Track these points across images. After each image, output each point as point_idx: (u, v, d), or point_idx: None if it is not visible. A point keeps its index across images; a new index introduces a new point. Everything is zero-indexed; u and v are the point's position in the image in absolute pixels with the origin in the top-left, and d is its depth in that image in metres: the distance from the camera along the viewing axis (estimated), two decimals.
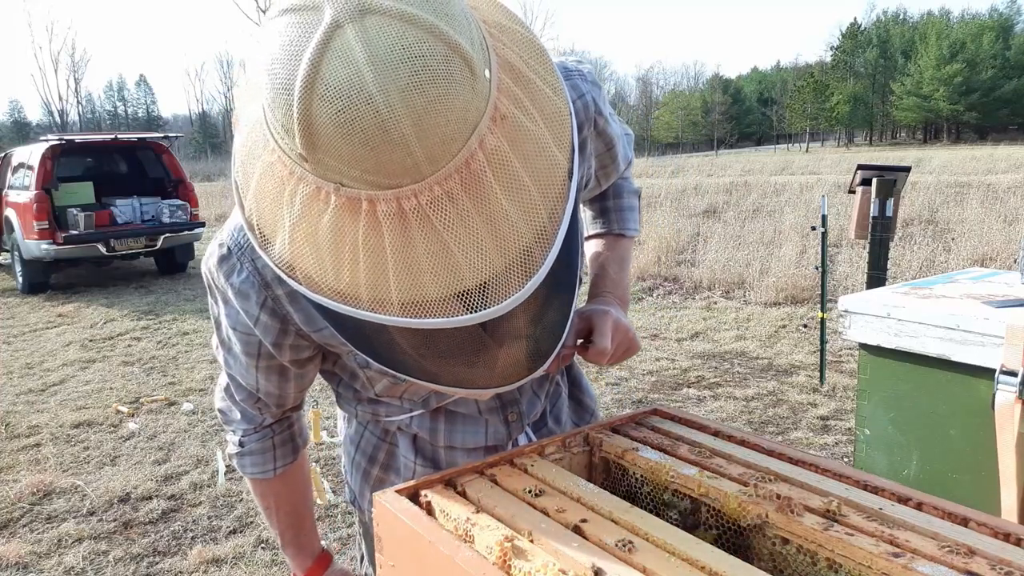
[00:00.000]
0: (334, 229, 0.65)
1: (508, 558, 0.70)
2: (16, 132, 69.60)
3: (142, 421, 4.52)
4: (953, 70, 61.41)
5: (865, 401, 1.91)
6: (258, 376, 1.01)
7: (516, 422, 1.10)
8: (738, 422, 4.14)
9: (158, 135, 10.83)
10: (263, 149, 0.68)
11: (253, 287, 0.90)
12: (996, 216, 9.84)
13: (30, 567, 2.98)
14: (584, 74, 1.01)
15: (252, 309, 0.91)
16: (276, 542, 1.17)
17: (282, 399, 1.06)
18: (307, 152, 0.62)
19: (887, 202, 4.10)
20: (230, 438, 1.12)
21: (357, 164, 0.61)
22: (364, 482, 1.15)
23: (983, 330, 1.57)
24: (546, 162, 0.68)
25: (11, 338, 6.80)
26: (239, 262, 0.90)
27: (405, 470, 1.11)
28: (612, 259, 1.21)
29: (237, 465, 1.13)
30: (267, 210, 0.69)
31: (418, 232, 0.64)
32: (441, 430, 1.07)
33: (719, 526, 0.82)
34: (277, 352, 0.96)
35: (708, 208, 13.29)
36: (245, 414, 1.08)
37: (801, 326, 5.98)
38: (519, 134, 0.66)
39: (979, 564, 0.66)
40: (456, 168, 0.62)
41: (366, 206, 0.63)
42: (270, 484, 1.13)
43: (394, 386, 1.02)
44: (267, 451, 1.10)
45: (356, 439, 1.16)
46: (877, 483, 0.82)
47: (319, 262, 0.67)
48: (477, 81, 0.62)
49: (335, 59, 0.58)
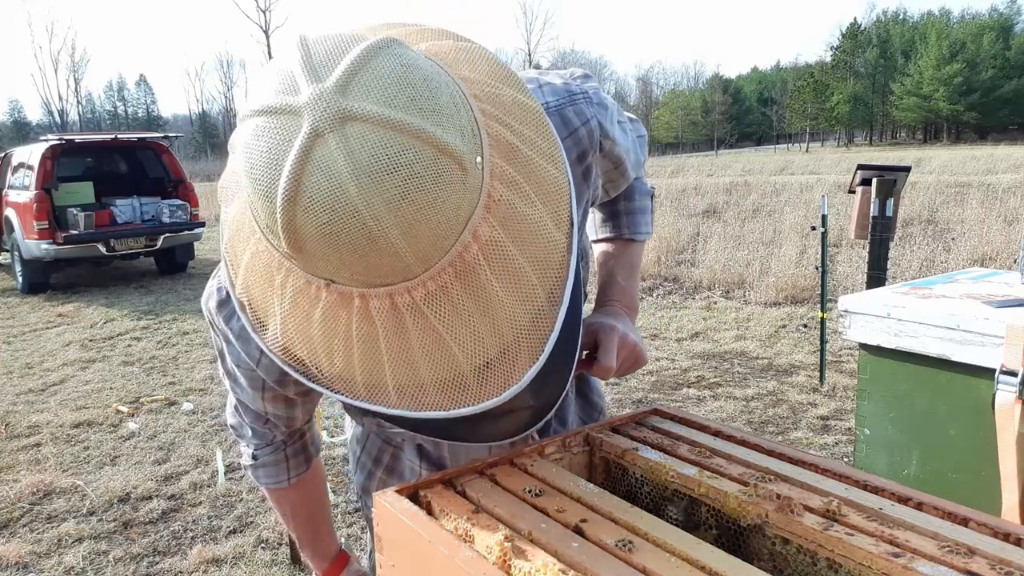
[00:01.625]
0: (326, 320, 0.64)
1: (508, 558, 0.70)
2: (16, 132, 69.62)
3: (142, 421, 4.52)
4: (953, 70, 61.40)
5: (865, 401, 1.91)
6: (265, 405, 1.01)
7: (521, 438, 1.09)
8: (738, 422, 4.14)
9: (158, 135, 10.83)
10: (251, 234, 0.66)
11: None
12: (996, 216, 9.84)
13: (30, 567, 2.98)
14: (590, 96, 0.97)
15: (253, 352, 0.91)
16: (295, 543, 1.21)
17: (291, 421, 1.06)
18: (294, 252, 0.61)
19: (887, 202, 4.10)
20: (244, 450, 1.12)
21: (346, 268, 0.60)
22: (368, 481, 1.16)
23: (983, 330, 1.57)
24: (543, 243, 0.66)
25: (11, 338, 6.80)
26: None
27: (411, 474, 1.12)
28: (621, 265, 1.18)
29: (252, 476, 1.14)
30: (258, 294, 0.69)
31: (412, 325, 0.63)
32: (446, 444, 1.07)
33: (719, 526, 0.82)
34: (281, 388, 0.96)
35: (708, 208, 13.29)
36: (256, 432, 1.08)
37: (801, 326, 5.98)
38: (514, 218, 0.64)
39: (979, 564, 0.66)
40: (450, 262, 0.62)
41: (358, 302, 0.63)
42: (285, 493, 1.14)
43: None
44: (280, 463, 1.11)
45: (363, 440, 1.16)
46: (877, 483, 0.82)
47: (311, 350, 0.67)
48: (468, 176, 0.60)
49: (317, 171, 0.56)
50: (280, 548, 3.05)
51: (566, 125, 0.92)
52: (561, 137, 0.91)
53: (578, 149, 0.94)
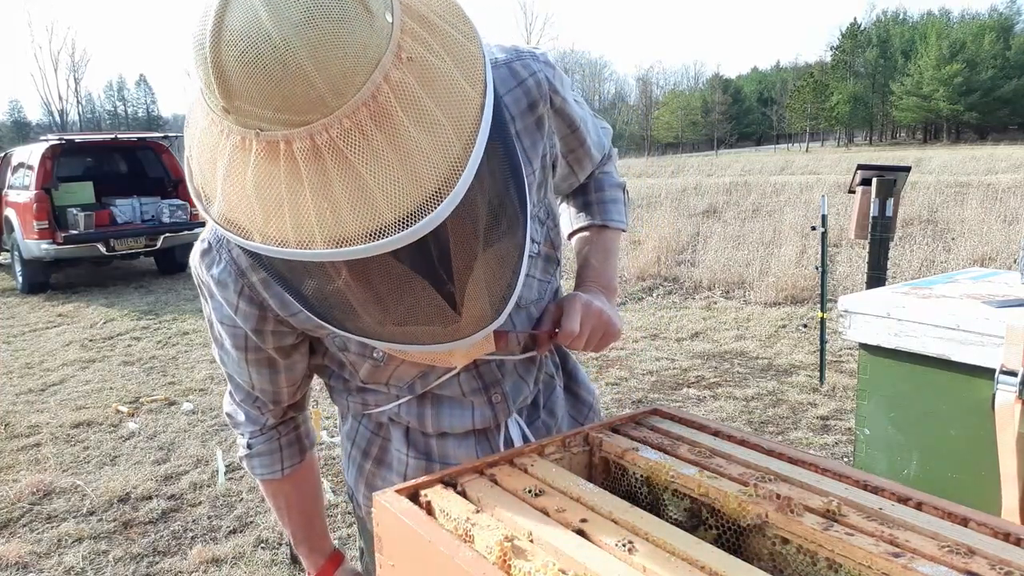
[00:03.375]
0: (258, 176, 0.68)
1: (508, 558, 0.70)
2: (16, 132, 69.61)
3: (142, 421, 4.52)
4: (953, 70, 61.40)
5: (865, 401, 1.91)
6: (250, 371, 1.04)
7: (501, 403, 1.09)
8: (738, 422, 4.14)
9: (158, 135, 10.83)
10: (201, 119, 0.72)
11: (231, 276, 0.95)
12: (996, 216, 9.84)
13: (30, 567, 2.98)
14: (536, 55, 1.03)
15: (231, 298, 0.96)
16: (289, 541, 1.23)
17: (277, 395, 1.09)
18: (225, 100, 0.66)
19: (887, 202, 4.10)
20: (239, 440, 1.15)
21: (267, 103, 0.64)
22: (359, 476, 1.17)
23: (983, 330, 1.57)
24: (457, 97, 0.70)
25: (11, 338, 6.80)
26: (217, 254, 0.95)
27: (398, 464, 1.12)
28: (594, 250, 1.21)
29: (247, 467, 1.16)
30: (207, 172, 0.73)
31: (333, 167, 0.66)
32: (428, 415, 1.08)
33: (719, 526, 0.82)
34: (260, 340, 1.00)
35: (708, 208, 13.29)
36: (248, 415, 1.11)
37: (801, 326, 5.98)
38: (427, 72, 0.68)
39: (979, 564, 0.66)
40: (363, 101, 0.65)
41: (283, 147, 0.66)
42: (279, 484, 1.16)
43: (377, 370, 1.03)
44: (274, 452, 1.14)
45: (352, 435, 1.17)
46: (877, 483, 0.82)
47: (249, 212, 0.70)
48: (375, 20, 0.66)
49: (236, 9, 0.63)
50: (280, 548, 3.05)
51: (514, 76, 0.99)
52: (509, 88, 0.98)
53: (528, 99, 1.00)
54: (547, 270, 1.11)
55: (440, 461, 1.10)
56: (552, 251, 1.11)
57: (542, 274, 1.10)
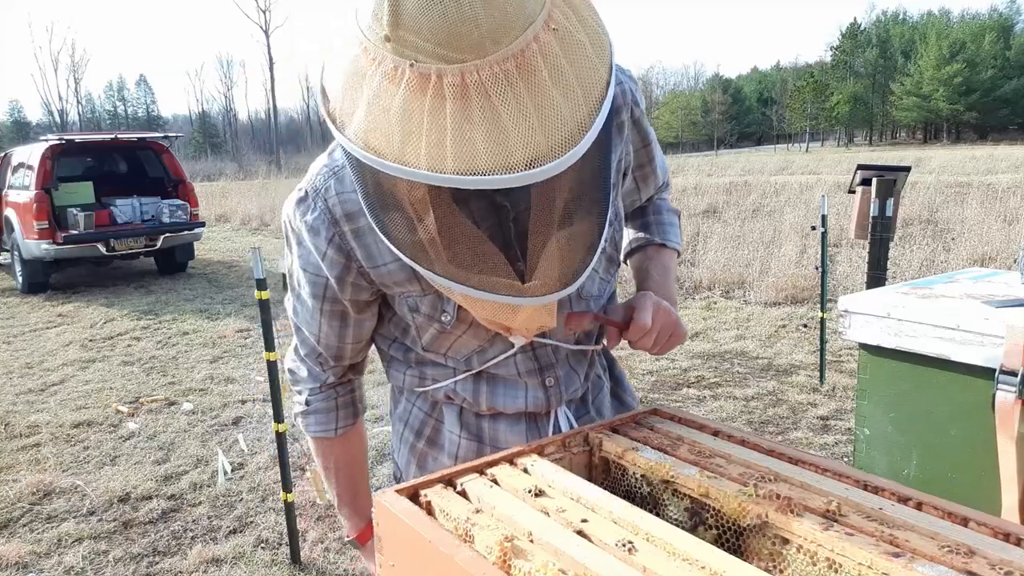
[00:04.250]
0: (404, 103, 0.74)
1: (508, 558, 0.70)
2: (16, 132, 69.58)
3: (142, 421, 4.52)
4: (953, 70, 61.37)
5: (865, 401, 1.91)
6: (321, 322, 1.09)
7: (554, 388, 1.12)
8: (738, 422, 4.14)
9: (158, 135, 10.82)
10: (350, 46, 0.79)
11: (323, 223, 1.00)
12: (996, 216, 9.84)
13: (30, 567, 2.98)
14: (621, 67, 1.07)
15: (321, 244, 1.01)
16: (333, 502, 1.27)
17: (340, 351, 1.13)
18: (390, 29, 0.73)
19: (887, 202, 4.10)
20: (297, 398, 1.20)
21: (432, 37, 0.71)
22: (411, 455, 1.20)
23: (983, 330, 1.57)
24: (590, 70, 0.78)
25: (11, 338, 6.80)
26: (313, 202, 1.01)
27: (450, 445, 1.16)
28: (655, 265, 1.25)
29: (302, 424, 1.20)
30: (347, 97, 0.79)
31: (476, 106, 0.72)
32: (483, 392, 1.11)
33: (719, 526, 0.82)
34: (339, 289, 1.05)
35: (708, 208, 13.29)
36: (311, 371, 1.16)
37: (801, 326, 5.98)
38: (568, 42, 0.76)
39: (979, 564, 0.66)
40: (513, 53, 0.72)
41: (434, 80, 0.72)
42: (331, 444, 1.21)
43: (440, 337, 1.07)
44: (330, 411, 1.18)
45: (404, 416, 1.21)
46: (877, 483, 0.82)
47: (388, 136, 0.76)
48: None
49: None
50: (280, 548, 3.05)
51: None
52: None
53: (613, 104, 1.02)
54: (608, 270, 1.15)
55: (491, 444, 1.14)
56: (615, 252, 1.16)
57: (604, 273, 1.14)
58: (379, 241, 0.98)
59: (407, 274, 1.01)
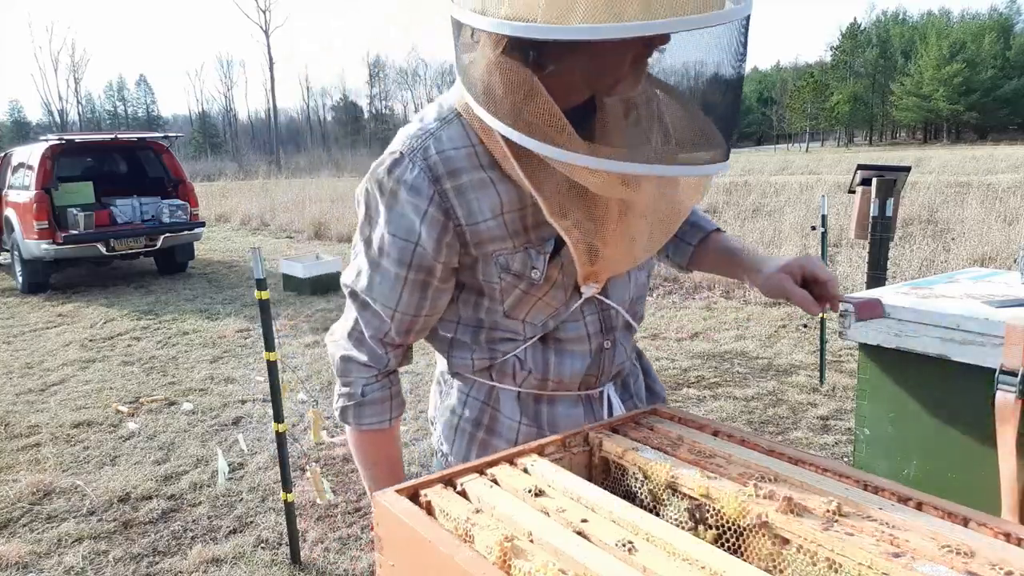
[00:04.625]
0: None
1: (508, 558, 0.70)
2: (16, 132, 69.58)
3: (142, 421, 4.52)
4: (953, 70, 61.38)
5: (865, 401, 1.91)
6: (402, 292, 1.07)
7: (608, 352, 1.17)
8: (738, 422, 4.14)
9: (158, 135, 10.81)
10: None
11: (425, 181, 1.01)
12: (996, 216, 9.83)
13: (30, 567, 2.98)
14: None
15: (422, 203, 1.01)
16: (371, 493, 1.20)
17: (413, 323, 1.11)
18: None
19: (887, 202, 4.10)
20: (345, 391, 1.15)
21: None
22: (470, 444, 1.19)
23: (983, 330, 1.57)
24: None
25: (11, 338, 6.80)
26: (411, 162, 1.01)
27: (508, 432, 1.16)
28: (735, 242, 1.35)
29: (353, 418, 1.15)
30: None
31: None
32: (552, 361, 1.13)
33: (719, 526, 0.82)
34: (434, 251, 1.04)
35: (708, 208, 13.29)
36: (372, 355, 1.12)
37: (801, 326, 5.98)
38: None
39: (979, 564, 0.66)
40: None
41: None
42: (384, 437, 1.17)
43: (524, 299, 1.09)
44: (386, 400, 1.15)
45: (459, 408, 1.20)
46: (877, 483, 0.82)
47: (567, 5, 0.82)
48: None
49: None
50: (280, 548, 3.05)
51: None
52: None
53: None
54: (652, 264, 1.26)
55: (549, 428, 1.16)
56: None
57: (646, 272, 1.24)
58: (479, 198, 1.02)
59: (503, 231, 1.04)
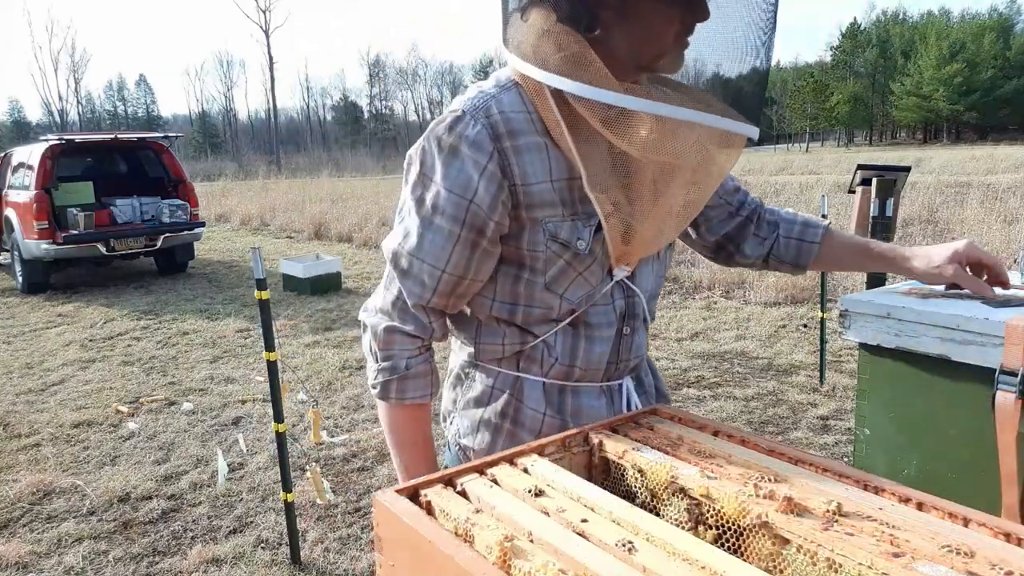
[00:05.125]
0: None
1: (508, 558, 0.70)
2: (16, 132, 69.55)
3: (142, 421, 4.52)
4: (953, 70, 61.37)
5: (865, 401, 1.91)
6: (454, 250, 1.07)
7: (627, 338, 1.19)
8: (738, 422, 4.14)
9: (158, 135, 10.81)
10: None
11: (486, 138, 1.04)
12: (996, 216, 9.83)
13: (30, 567, 2.98)
14: None
15: (482, 159, 1.04)
16: (403, 476, 1.18)
17: (458, 285, 1.10)
18: None
19: (887, 202, 4.10)
20: (386, 365, 1.13)
21: None
22: (496, 436, 1.19)
23: (983, 330, 1.57)
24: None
25: (11, 338, 6.80)
26: (473, 119, 1.04)
27: (532, 422, 1.17)
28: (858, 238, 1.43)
29: (396, 392, 1.14)
30: None
31: None
32: (580, 348, 1.16)
33: (719, 526, 0.82)
34: (488, 208, 1.05)
35: None
36: (417, 324, 1.12)
37: (801, 326, 5.98)
38: None
39: (979, 564, 0.66)
40: None
41: None
42: (423, 411, 1.17)
43: (567, 271, 1.10)
44: (428, 375, 1.15)
45: (484, 400, 1.19)
46: (877, 483, 0.82)
47: None
48: None
49: None
50: (280, 548, 3.05)
51: None
52: None
53: None
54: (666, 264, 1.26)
55: (573, 419, 1.17)
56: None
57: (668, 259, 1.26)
58: (534, 161, 1.05)
59: (554, 196, 1.06)
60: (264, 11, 53.47)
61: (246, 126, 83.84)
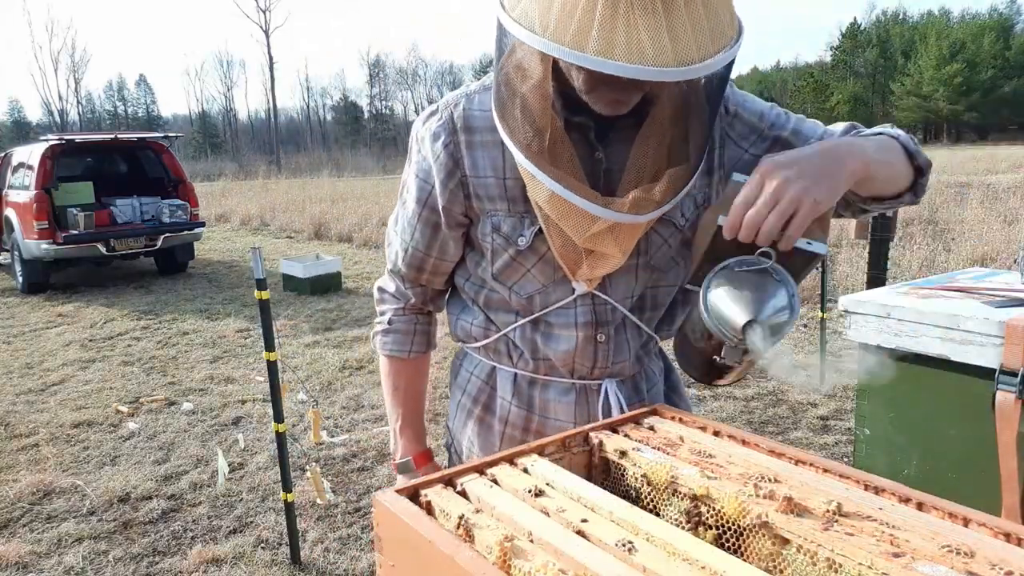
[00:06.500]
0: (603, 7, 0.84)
1: (508, 558, 0.70)
2: (16, 132, 69.55)
3: (142, 421, 4.52)
4: (953, 70, 61.35)
5: (865, 401, 1.91)
6: (416, 227, 1.20)
7: (603, 345, 1.17)
8: (738, 422, 4.14)
9: (158, 135, 10.81)
10: None
11: (444, 130, 1.13)
12: (996, 216, 9.83)
13: (30, 567, 2.98)
14: None
15: (437, 148, 1.13)
16: (393, 427, 1.35)
17: (424, 261, 1.22)
18: None
19: None
20: (379, 319, 1.33)
21: None
22: (467, 419, 1.29)
23: (983, 330, 1.57)
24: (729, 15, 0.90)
25: (11, 338, 6.80)
26: (441, 114, 1.14)
27: (501, 411, 1.24)
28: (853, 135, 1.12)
29: (379, 344, 1.32)
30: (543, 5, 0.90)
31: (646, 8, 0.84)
32: (539, 340, 1.19)
33: (719, 526, 0.82)
34: (442, 194, 1.14)
35: None
36: (398, 289, 1.30)
37: (801, 326, 5.97)
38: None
39: (979, 564, 0.66)
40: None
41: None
42: (404, 366, 1.32)
43: (512, 265, 1.15)
44: (408, 334, 1.31)
45: (463, 385, 1.30)
46: (877, 483, 0.82)
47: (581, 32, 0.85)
48: None
49: None
50: (280, 548, 3.05)
51: None
52: None
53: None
54: (681, 253, 1.18)
55: (540, 414, 1.22)
56: (691, 234, 1.14)
57: (676, 254, 1.17)
58: (486, 156, 1.12)
59: (501, 192, 1.12)
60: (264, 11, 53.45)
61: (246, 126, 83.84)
